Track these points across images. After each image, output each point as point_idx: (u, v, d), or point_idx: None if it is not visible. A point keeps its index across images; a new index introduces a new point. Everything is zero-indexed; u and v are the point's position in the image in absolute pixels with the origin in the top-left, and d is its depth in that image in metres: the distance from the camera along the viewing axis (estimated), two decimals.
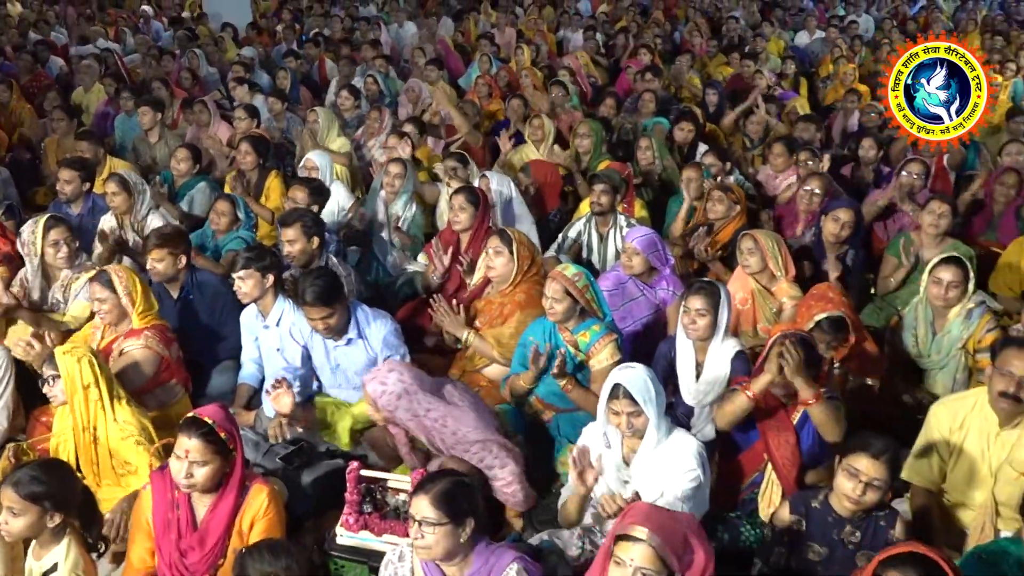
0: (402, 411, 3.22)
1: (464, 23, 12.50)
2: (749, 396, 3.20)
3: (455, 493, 2.51)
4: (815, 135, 6.83)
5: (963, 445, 3.19)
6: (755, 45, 10.52)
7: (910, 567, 2.04)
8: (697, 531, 2.33)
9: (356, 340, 3.82)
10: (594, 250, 5.18)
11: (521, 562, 2.57)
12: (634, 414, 2.98)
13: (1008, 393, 3.01)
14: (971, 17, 13.11)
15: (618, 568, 2.25)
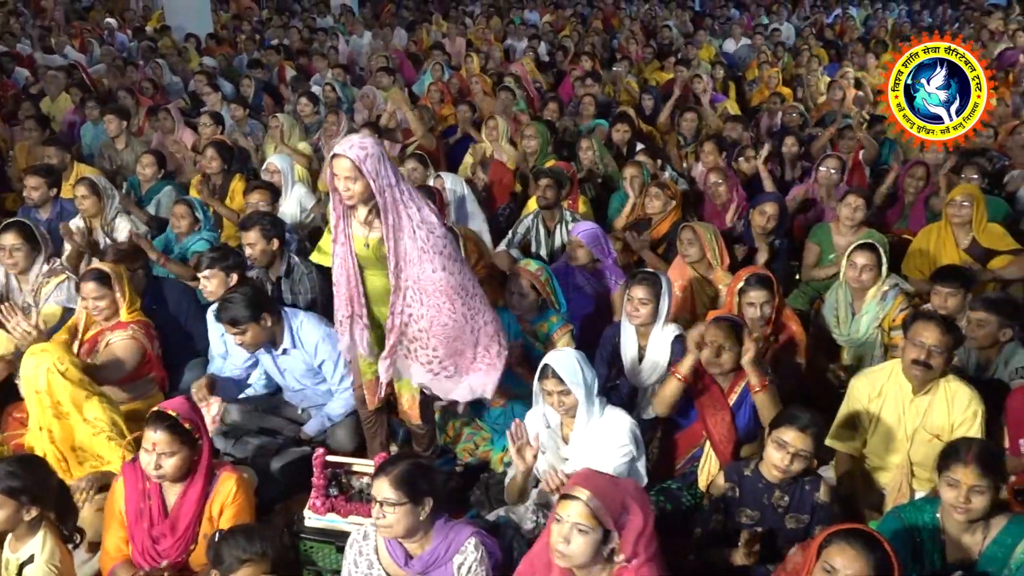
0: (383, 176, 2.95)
1: (416, 33, 12.40)
2: (679, 378, 3.26)
3: (414, 474, 2.49)
4: (742, 134, 6.92)
5: (881, 412, 3.27)
6: (687, 52, 10.63)
7: (852, 539, 2.06)
8: (637, 496, 2.35)
9: (291, 350, 3.74)
10: (542, 243, 5.19)
11: (478, 536, 2.57)
12: (563, 393, 3.00)
13: (919, 360, 3.09)
14: (881, 25, 13.39)
15: (557, 524, 2.27)
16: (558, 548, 2.26)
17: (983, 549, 2.55)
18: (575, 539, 2.24)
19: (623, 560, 2.28)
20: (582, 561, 2.27)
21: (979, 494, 2.46)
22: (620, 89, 9.01)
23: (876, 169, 6.58)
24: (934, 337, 3.08)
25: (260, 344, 3.64)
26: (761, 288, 3.77)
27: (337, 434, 3.81)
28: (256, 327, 3.56)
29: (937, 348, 3.07)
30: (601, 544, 2.26)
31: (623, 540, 2.26)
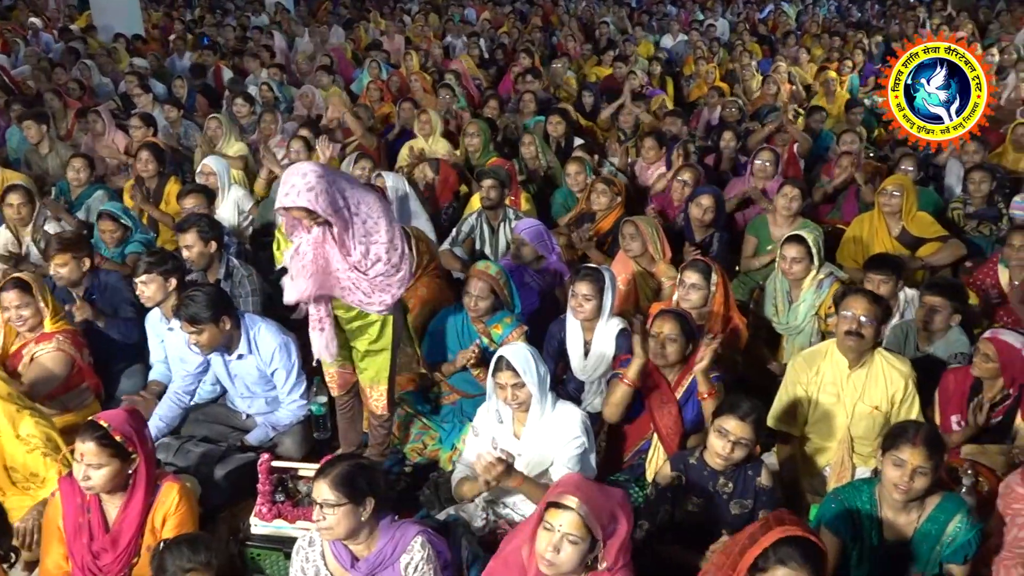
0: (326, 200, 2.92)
1: (354, 31, 12.28)
2: (627, 383, 3.30)
3: (353, 475, 2.46)
4: (681, 128, 7.03)
5: (820, 389, 3.37)
6: (625, 48, 10.75)
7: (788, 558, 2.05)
8: (624, 504, 2.36)
9: (247, 355, 3.67)
10: (486, 242, 5.20)
11: (425, 535, 2.56)
12: (517, 386, 3.01)
13: (851, 331, 3.21)
14: (813, 20, 13.72)
15: (547, 533, 2.26)
16: (547, 557, 2.24)
17: (918, 527, 2.64)
18: (565, 549, 2.23)
19: (604, 568, 2.28)
20: (569, 570, 2.26)
21: (922, 475, 2.54)
22: (560, 86, 9.07)
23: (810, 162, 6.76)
24: (863, 308, 3.21)
25: (214, 346, 3.57)
26: (695, 272, 3.87)
27: (285, 442, 3.75)
28: (214, 328, 3.51)
29: (867, 318, 3.20)
30: (588, 553, 2.26)
31: (607, 549, 2.27)
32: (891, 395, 3.24)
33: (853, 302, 3.25)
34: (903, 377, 3.24)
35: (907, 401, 3.24)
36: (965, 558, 2.58)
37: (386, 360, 3.35)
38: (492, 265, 3.93)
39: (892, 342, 3.87)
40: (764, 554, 2.05)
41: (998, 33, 11.67)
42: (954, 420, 3.35)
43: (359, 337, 3.31)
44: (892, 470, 2.58)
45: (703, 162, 6.53)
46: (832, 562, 2.58)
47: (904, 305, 4.12)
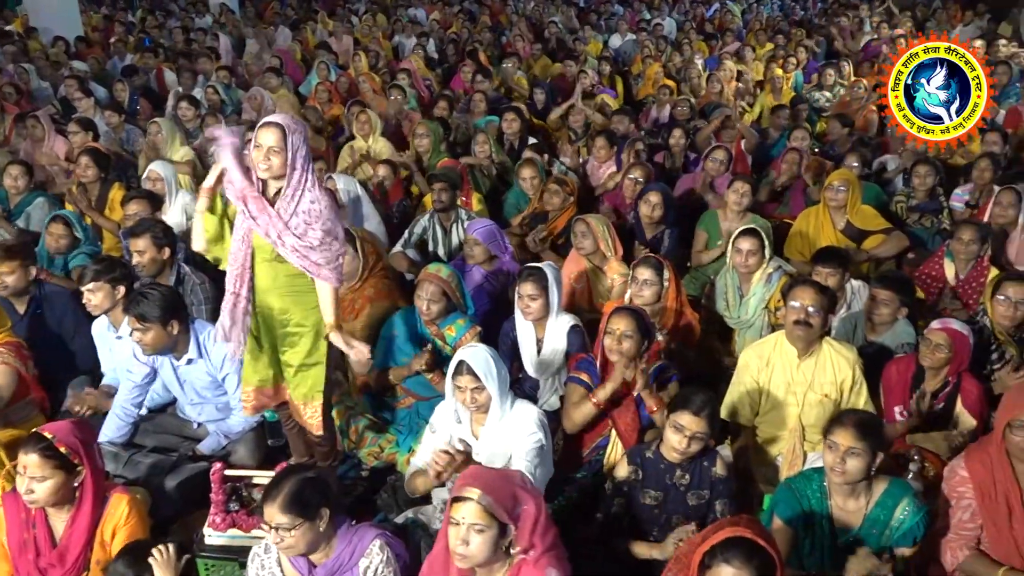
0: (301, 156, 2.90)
1: (301, 32, 12.13)
2: (595, 403, 3.31)
3: (302, 492, 2.41)
4: (629, 127, 7.10)
5: (771, 379, 3.44)
6: (575, 47, 10.80)
7: (730, 556, 2.06)
8: (525, 485, 2.37)
9: (196, 360, 3.62)
10: (439, 243, 5.18)
11: (383, 538, 2.55)
12: (477, 389, 2.99)
13: (800, 320, 3.29)
14: (757, 18, 13.95)
15: (454, 527, 2.27)
16: (458, 551, 2.25)
17: (867, 513, 2.70)
18: (473, 539, 2.24)
19: (521, 552, 2.29)
20: (483, 559, 2.27)
21: (855, 456, 2.61)
22: (511, 86, 9.09)
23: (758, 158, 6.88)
24: (810, 298, 3.29)
25: (158, 349, 3.51)
26: (649, 268, 3.91)
27: (239, 450, 3.70)
28: (160, 330, 3.45)
29: (814, 308, 3.28)
30: (499, 539, 2.27)
31: (519, 532, 2.28)
32: (839, 383, 3.32)
33: (800, 293, 3.32)
34: (850, 364, 3.33)
35: (855, 387, 3.33)
36: (914, 540, 2.65)
37: (320, 374, 3.17)
38: (443, 267, 3.92)
39: (841, 333, 3.96)
40: (711, 551, 2.07)
41: (935, 30, 12.00)
42: (897, 411, 3.44)
43: (290, 349, 3.15)
44: (828, 454, 2.67)
45: (653, 160, 6.60)
46: (785, 551, 2.64)
47: (851, 297, 4.22)
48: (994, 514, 2.70)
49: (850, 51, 11.08)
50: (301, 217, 2.89)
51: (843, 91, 8.76)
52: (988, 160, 5.53)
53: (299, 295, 3.06)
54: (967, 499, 2.74)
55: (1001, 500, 2.69)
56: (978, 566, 2.71)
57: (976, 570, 2.72)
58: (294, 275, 3.01)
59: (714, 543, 2.07)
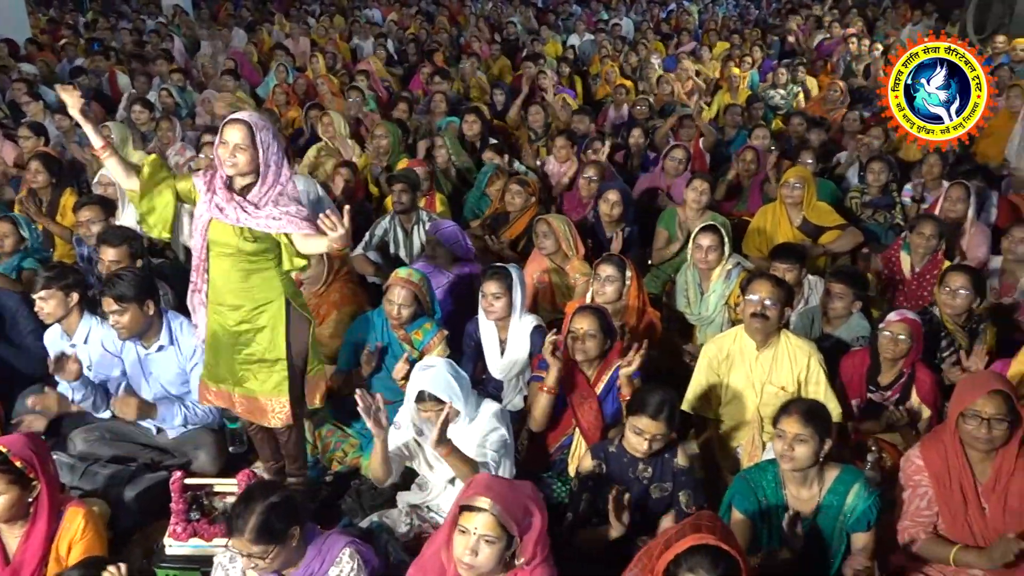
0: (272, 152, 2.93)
1: (257, 34, 11.99)
2: (547, 390, 3.33)
3: (269, 520, 2.36)
4: (589, 126, 7.13)
5: (731, 372, 3.50)
6: (533, 47, 10.83)
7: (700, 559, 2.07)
8: (535, 497, 2.36)
9: (168, 347, 3.60)
10: (400, 245, 5.15)
11: (353, 546, 2.53)
12: (442, 410, 2.95)
13: (757, 313, 3.35)
14: (712, 18, 14.12)
15: (463, 536, 2.25)
16: (465, 560, 2.23)
17: (820, 500, 2.76)
18: (483, 550, 2.22)
19: (523, 563, 2.29)
20: (489, 570, 2.26)
21: (802, 443, 2.66)
22: (470, 86, 9.08)
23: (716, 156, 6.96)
24: (767, 290, 3.35)
25: (134, 332, 3.50)
26: (611, 265, 3.94)
27: (200, 458, 3.65)
28: (138, 311, 3.45)
29: (771, 300, 3.34)
30: (505, 550, 2.26)
31: (524, 544, 2.27)
32: (797, 375, 3.38)
33: (758, 286, 3.38)
34: (807, 356, 3.39)
35: (812, 378, 3.39)
36: (868, 524, 2.70)
37: (284, 371, 3.14)
38: (414, 272, 3.89)
39: (799, 327, 4.03)
40: (676, 560, 2.08)
41: (885, 29, 12.26)
42: (854, 403, 3.51)
43: (247, 347, 3.12)
44: (777, 442, 2.72)
45: (613, 159, 6.65)
46: (745, 543, 2.67)
47: (808, 292, 4.30)
48: (949, 500, 2.77)
49: (804, 50, 11.26)
50: (274, 209, 2.93)
51: (798, 89, 8.90)
52: (936, 156, 5.66)
53: (252, 291, 3.05)
54: (923, 487, 2.81)
55: (956, 487, 2.76)
56: (934, 547, 2.78)
57: (933, 551, 2.78)
58: (248, 271, 3.02)
59: (678, 551, 2.08)
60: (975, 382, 2.81)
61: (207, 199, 2.96)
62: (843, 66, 10.05)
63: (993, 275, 4.37)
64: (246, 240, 2.95)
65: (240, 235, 2.95)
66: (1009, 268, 4.35)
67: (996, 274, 4.38)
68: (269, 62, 9.99)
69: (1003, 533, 2.63)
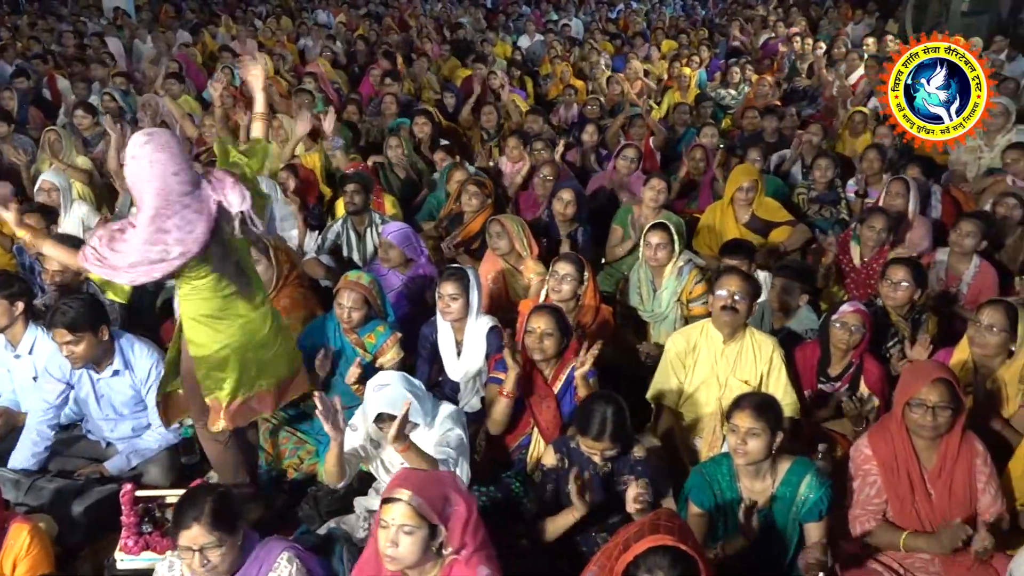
0: None
1: (201, 36, 11.77)
2: (506, 395, 3.34)
3: (226, 507, 2.37)
4: (543, 127, 7.16)
5: (696, 363, 3.56)
6: (483, 49, 10.84)
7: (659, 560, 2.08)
8: (456, 486, 2.38)
9: (123, 371, 3.51)
10: (354, 248, 5.12)
11: (291, 551, 2.50)
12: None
13: (727, 306, 3.41)
14: (660, 18, 14.29)
15: (383, 530, 2.26)
16: (387, 553, 2.24)
17: (774, 492, 2.81)
18: (403, 541, 2.23)
19: (452, 552, 2.30)
20: (413, 561, 2.27)
21: (754, 436, 2.71)
22: (421, 87, 9.04)
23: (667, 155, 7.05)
24: (736, 284, 3.42)
25: (88, 359, 3.39)
26: (569, 263, 3.96)
27: (151, 470, 3.58)
28: (92, 338, 3.35)
29: (740, 294, 3.41)
30: (429, 540, 2.26)
31: (450, 532, 2.28)
32: (759, 370, 3.44)
33: (727, 280, 3.45)
34: (770, 350, 3.47)
35: (774, 373, 3.45)
36: (820, 514, 2.76)
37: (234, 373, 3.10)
38: (364, 275, 3.87)
39: (751, 321, 4.09)
40: (635, 562, 2.09)
41: (828, 28, 12.54)
42: (806, 395, 3.58)
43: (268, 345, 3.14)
44: (731, 436, 2.77)
45: (566, 158, 6.68)
46: (701, 537, 2.72)
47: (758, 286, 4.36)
48: (897, 488, 2.84)
49: (750, 49, 11.46)
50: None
51: (748, 88, 9.06)
52: (875, 151, 5.81)
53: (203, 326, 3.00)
54: (872, 475, 2.88)
55: (903, 474, 2.83)
56: (884, 534, 2.85)
57: (883, 538, 2.86)
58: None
59: (637, 552, 2.09)
60: (919, 371, 2.90)
61: None
62: (788, 65, 10.26)
63: (939, 267, 4.49)
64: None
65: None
66: (954, 260, 4.48)
67: (942, 266, 4.50)
68: (215, 65, 9.82)
69: (949, 518, 2.71)
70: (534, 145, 6.23)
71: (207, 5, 15.32)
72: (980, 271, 4.39)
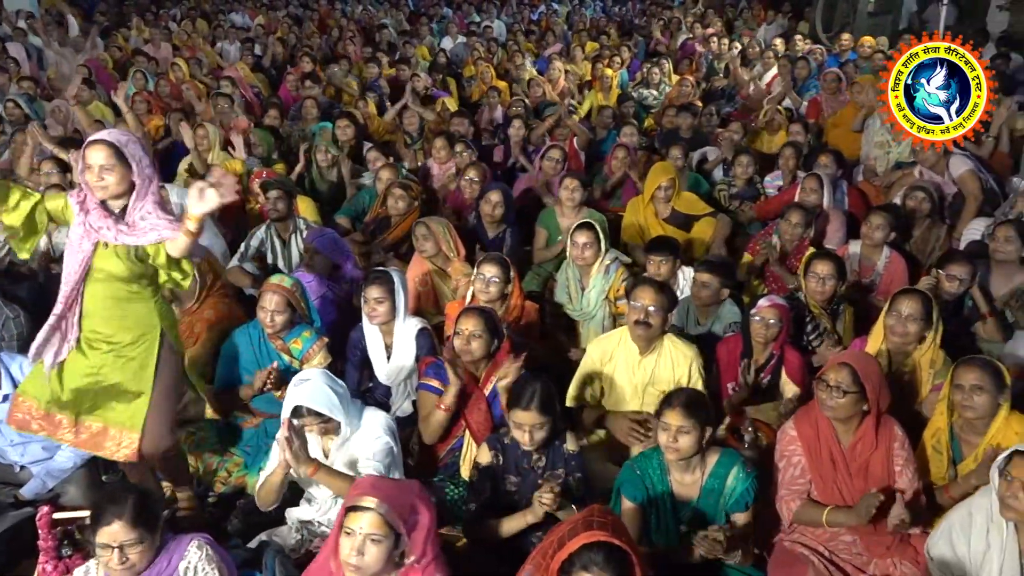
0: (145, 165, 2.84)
1: (113, 39, 11.35)
2: (444, 409, 3.33)
3: (148, 505, 2.37)
4: (468, 128, 7.17)
5: (614, 374, 3.58)
6: (405, 50, 10.78)
7: (593, 556, 2.09)
8: (422, 495, 2.37)
9: (12, 395, 3.31)
10: (278, 255, 5.02)
11: (200, 538, 2.48)
12: (324, 421, 2.92)
13: (640, 320, 3.44)
14: (581, 20, 14.45)
15: (348, 538, 2.23)
16: (351, 562, 2.21)
17: (703, 484, 2.87)
18: (369, 550, 2.21)
19: (412, 561, 2.28)
20: (376, 570, 2.24)
21: (685, 433, 2.77)
22: (342, 90, 8.94)
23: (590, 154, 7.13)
24: (650, 298, 3.44)
25: None
26: (495, 265, 3.97)
27: (69, 491, 3.43)
28: None
29: (654, 308, 3.44)
30: (393, 549, 2.25)
31: (413, 542, 2.27)
32: (678, 379, 3.48)
33: (641, 293, 3.47)
34: (688, 360, 3.51)
35: (691, 383, 3.48)
36: (746, 505, 2.84)
37: (144, 404, 3.00)
38: (286, 278, 3.81)
39: (677, 316, 4.18)
40: (570, 559, 2.12)
41: (743, 29, 12.88)
42: (730, 387, 3.68)
43: (114, 373, 2.98)
44: (661, 434, 2.82)
45: (491, 158, 6.71)
46: (635, 531, 2.76)
47: (684, 283, 4.46)
48: (820, 468, 2.96)
49: (669, 50, 11.69)
50: (149, 220, 2.84)
51: (669, 88, 9.23)
52: (792, 148, 6.01)
53: (127, 321, 2.95)
54: (797, 456, 2.99)
55: (826, 455, 2.95)
56: (809, 511, 2.96)
57: (807, 514, 2.96)
58: (126, 299, 2.93)
59: (572, 550, 2.11)
60: (836, 357, 3.06)
61: (80, 220, 2.84)
62: (705, 65, 10.50)
63: (853, 259, 4.66)
64: (129, 261, 2.86)
65: (123, 257, 2.86)
66: (866, 252, 4.65)
67: (855, 258, 4.67)
68: (127, 69, 9.49)
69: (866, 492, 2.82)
70: (456, 147, 6.24)
71: (118, 7, 14.79)
72: (891, 262, 4.57)
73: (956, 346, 3.70)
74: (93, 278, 2.91)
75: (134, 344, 2.97)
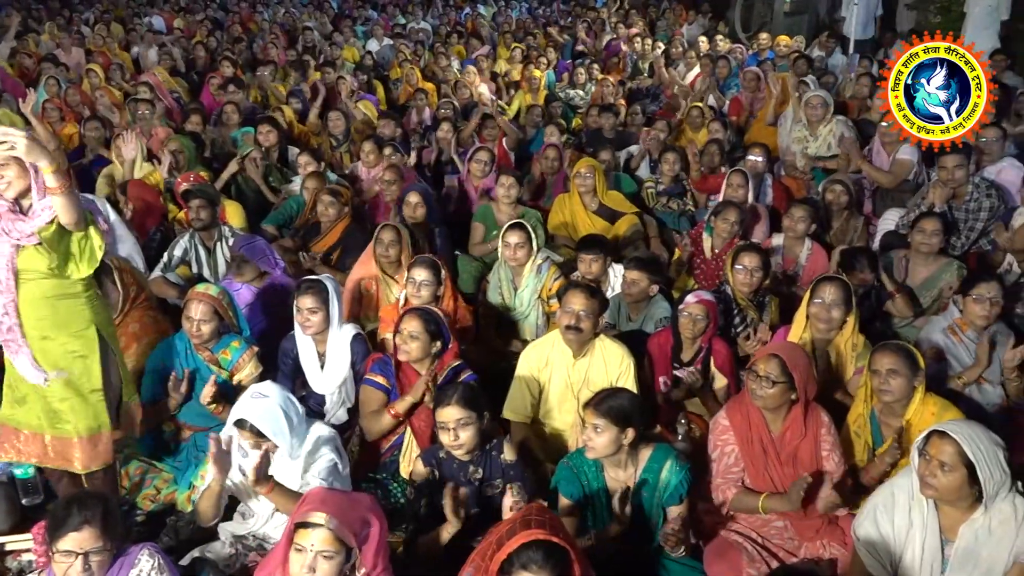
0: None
1: (22, 44, 10.87)
2: (394, 415, 3.34)
3: (113, 515, 2.37)
4: (395, 131, 7.12)
5: (550, 378, 3.59)
6: (330, 53, 10.63)
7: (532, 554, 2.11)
8: (373, 508, 2.35)
9: None
10: (203, 263, 4.89)
11: (150, 547, 2.45)
12: (263, 440, 2.86)
13: (571, 325, 3.46)
14: (507, 21, 14.49)
15: (299, 554, 2.20)
16: None
17: (637, 479, 2.92)
18: (320, 566, 2.19)
19: (364, 574, 2.26)
20: None
21: (598, 432, 2.81)
22: (268, 94, 8.77)
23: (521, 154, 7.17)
24: (581, 303, 3.46)
25: None
26: (425, 268, 3.96)
27: None
28: None
29: (585, 312, 3.46)
30: (344, 563, 2.22)
31: (364, 554, 2.25)
32: (612, 380, 3.50)
33: (572, 298, 3.49)
34: (620, 361, 3.54)
35: (622, 380, 3.51)
36: (680, 498, 2.89)
37: (100, 402, 2.99)
38: (212, 286, 3.71)
39: (609, 314, 4.22)
40: (509, 559, 2.13)
41: (665, 29, 13.11)
42: (662, 380, 3.74)
43: (60, 382, 2.94)
44: (582, 433, 2.87)
45: (420, 161, 6.68)
46: (573, 528, 2.79)
47: (614, 279, 4.52)
48: (752, 455, 3.03)
49: (594, 50, 11.82)
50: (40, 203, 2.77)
51: (594, 88, 9.34)
52: (715, 145, 6.15)
53: (60, 317, 2.91)
54: (731, 445, 3.06)
55: (757, 443, 3.03)
56: (744, 499, 3.03)
57: (743, 502, 3.03)
58: (57, 296, 2.89)
59: (511, 550, 2.12)
60: (766, 348, 3.15)
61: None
62: (631, 64, 10.66)
63: (776, 252, 4.79)
64: (48, 254, 2.81)
65: (44, 252, 2.81)
66: (789, 244, 4.79)
67: (779, 251, 4.80)
68: (37, 75, 9.11)
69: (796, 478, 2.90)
70: (384, 151, 6.19)
71: (27, 11, 14.18)
72: (813, 253, 4.72)
73: (871, 330, 3.84)
74: (24, 279, 2.86)
75: (72, 339, 2.94)
